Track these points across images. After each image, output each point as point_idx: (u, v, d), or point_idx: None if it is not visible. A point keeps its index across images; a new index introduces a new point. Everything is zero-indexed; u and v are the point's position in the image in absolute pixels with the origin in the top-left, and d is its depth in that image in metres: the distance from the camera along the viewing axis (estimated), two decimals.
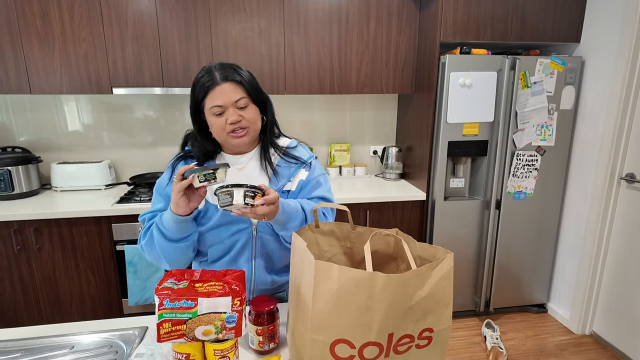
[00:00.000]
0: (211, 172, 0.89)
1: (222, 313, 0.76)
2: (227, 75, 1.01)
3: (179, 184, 0.91)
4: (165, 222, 0.98)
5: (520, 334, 2.35)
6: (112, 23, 2.08)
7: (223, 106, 1.00)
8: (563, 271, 2.48)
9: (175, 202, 0.93)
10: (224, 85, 1.00)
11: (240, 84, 1.02)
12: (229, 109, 1.00)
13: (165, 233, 0.99)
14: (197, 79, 1.03)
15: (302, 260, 0.77)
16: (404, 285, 0.68)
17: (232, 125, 1.01)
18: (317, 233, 0.95)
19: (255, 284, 1.14)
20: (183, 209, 0.94)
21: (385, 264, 0.91)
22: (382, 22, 2.32)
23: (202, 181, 0.89)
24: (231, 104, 1.00)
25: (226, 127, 1.01)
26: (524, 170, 2.31)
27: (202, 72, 1.03)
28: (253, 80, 1.06)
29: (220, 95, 0.99)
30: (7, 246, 2.00)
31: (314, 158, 1.18)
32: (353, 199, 2.24)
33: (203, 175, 0.89)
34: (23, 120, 2.42)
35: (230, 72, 1.02)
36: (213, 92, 1.00)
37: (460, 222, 2.34)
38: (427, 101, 2.28)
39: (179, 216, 0.95)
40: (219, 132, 1.03)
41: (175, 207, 0.94)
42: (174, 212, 0.95)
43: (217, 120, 1.01)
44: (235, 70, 1.03)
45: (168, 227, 0.98)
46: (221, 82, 1.00)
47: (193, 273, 0.81)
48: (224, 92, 1.00)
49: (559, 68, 2.21)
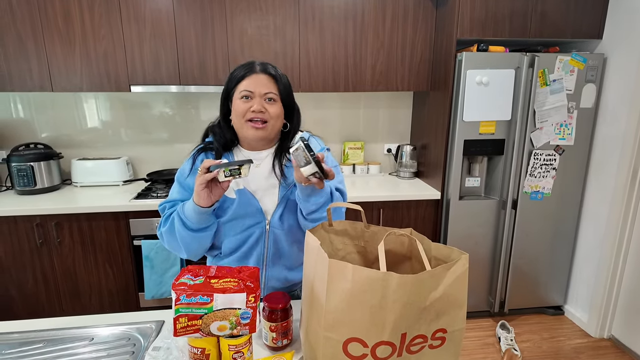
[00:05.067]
0: (236, 168, 0.92)
1: (237, 309, 0.77)
2: (266, 68, 1.06)
3: (203, 177, 0.93)
4: (187, 212, 1.01)
5: (535, 336, 2.32)
6: (131, 22, 2.12)
7: (253, 92, 1.03)
8: (581, 273, 2.43)
9: (197, 194, 0.96)
10: (260, 76, 1.05)
11: (275, 80, 1.06)
12: (256, 98, 1.03)
13: (186, 222, 1.01)
14: (235, 68, 1.08)
15: (315, 258, 0.77)
16: (418, 286, 0.68)
17: (253, 114, 1.03)
18: (330, 232, 0.95)
19: (267, 280, 1.15)
20: (205, 200, 0.96)
21: (399, 264, 0.91)
22: (398, 19, 2.30)
23: (228, 176, 0.92)
24: (260, 94, 1.04)
25: (247, 114, 1.04)
26: (542, 170, 2.27)
27: (243, 64, 1.08)
28: (288, 84, 1.11)
29: (253, 83, 1.04)
30: (30, 239, 2.06)
31: (326, 150, 1.18)
32: (367, 197, 2.24)
33: (229, 170, 0.92)
34: (45, 117, 2.49)
35: (269, 67, 1.07)
36: (248, 79, 1.04)
37: (475, 221, 2.31)
38: (443, 99, 2.25)
39: (200, 207, 0.98)
40: (238, 116, 1.05)
41: (197, 199, 0.97)
42: (196, 203, 0.97)
43: (242, 104, 1.04)
44: (274, 68, 1.08)
45: (189, 216, 1.00)
46: (259, 72, 1.05)
47: (209, 269, 0.82)
48: (258, 81, 1.04)
49: (580, 65, 2.15)
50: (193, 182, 1.06)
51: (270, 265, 1.14)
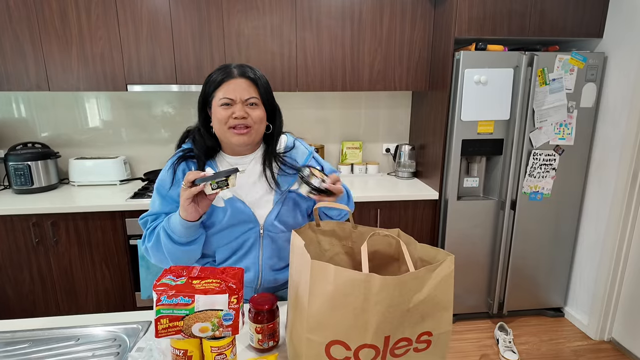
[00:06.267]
0: (224, 179, 0.88)
1: (219, 310, 0.76)
2: (244, 72, 1.02)
3: (189, 191, 0.90)
4: (173, 226, 0.98)
5: (534, 338, 2.29)
6: (128, 22, 2.12)
7: (233, 99, 0.99)
8: (581, 274, 2.40)
9: (184, 208, 0.93)
10: (239, 80, 1.00)
11: (255, 84, 1.02)
12: (237, 104, 1.00)
13: (173, 237, 0.98)
14: (212, 72, 1.04)
15: (300, 259, 0.76)
16: (401, 288, 0.67)
17: (236, 121, 1.00)
18: (318, 232, 0.94)
19: (263, 282, 1.13)
20: (192, 214, 0.94)
21: (386, 265, 0.89)
22: (396, 18, 2.28)
23: (215, 188, 0.89)
24: (242, 100, 1.00)
25: (229, 121, 1.00)
26: (541, 170, 2.24)
27: (219, 67, 1.04)
28: (267, 85, 1.06)
29: (232, 89, 0.99)
30: (26, 239, 2.06)
31: (311, 155, 1.16)
32: (364, 197, 2.22)
33: (216, 183, 0.88)
34: (44, 117, 2.50)
35: (247, 70, 1.02)
36: (227, 84, 1.00)
37: (473, 222, 2.28)
38: (441, 98, 2.23)
39: (188, 222, 0.95)
40: (220, 124, 1.01)
41: (184, 213, 0.94)
42: (183, 218, 0.95)
43: (223, 111, 1.00)
44: (252, 70, 1.04)
45: (176, 231, 0.97)
46: (237, 77, 1.00)
47: (192, 270, 0.81)
48: (237, 87, 1.00)
49: (580, 64, 2.13)
50: (175, 194, 1.04)
51: (265, 268, 1.11)
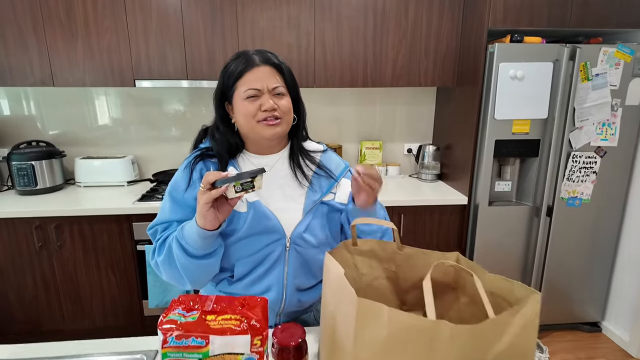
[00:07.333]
0: (249, 181, 0.75)
1: (239, 354, 0.61)
2: (268, 58, 0.90)
3: (209, 194, 0.76)
4: (188, 237, 0.83)
5: (570, 356, 2.11)
6: (136, 13, 1.99)
7: (260, 90, 0.88)
8: (621, 287, 2.21)
9: (202, 215, 0.78)
10: (263, 68, 0.89)
11: (280, 70, 0.91)
12: (264, 95, 0.88)
13: (188, 249, 0.84)
14: (229, 62, 0.92)
15: (339, 292, 0.61)
16: (477, 338, 0.51)
17: (266, 113, 0.88)
18: (354, 253, 0.78)
19: (286, 305, 0.98)
20: (211, 222, 0.79)
21: (441, 294, 0.74)
22: (422, 8, 2.11)
23: (239, 191, 0.76)
24: (268, 89, 0.89)
25: (258, 115, 0.88)
26: (580, 174, 2.06)
27: (236, 55, 0.91)
28: (291, 71, 0.95)
29: (258, 78, 0.88)
30: (29, 243, 1.95)
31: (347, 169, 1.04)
32: (386, 201, 2.03)
33: (240, 185, 0.75)
34: (52, 114, 2.39)
35: (269, 56, 0.91)
36: (250, 74, 0.88)
37: (505, 229, 2.11)
38: (471, 95, 2.06)
39: (205, 230, 0.80)
40: (247, 119, 0.89)
41: (201, 221, 0.79)
42: (201, 226, 0.80)
43: (249, 105, 0.88)
44: (274, 55, 0.92)
45: (191, 242, 0.83)
46: (260, 64, 0.89)
47: (206, 301, 0.67)
48: (263, 75, 0.88)
49: (626, 58, 1.93)
50: (191, 198, 0.90)
51: (290, 288, 0.96)
